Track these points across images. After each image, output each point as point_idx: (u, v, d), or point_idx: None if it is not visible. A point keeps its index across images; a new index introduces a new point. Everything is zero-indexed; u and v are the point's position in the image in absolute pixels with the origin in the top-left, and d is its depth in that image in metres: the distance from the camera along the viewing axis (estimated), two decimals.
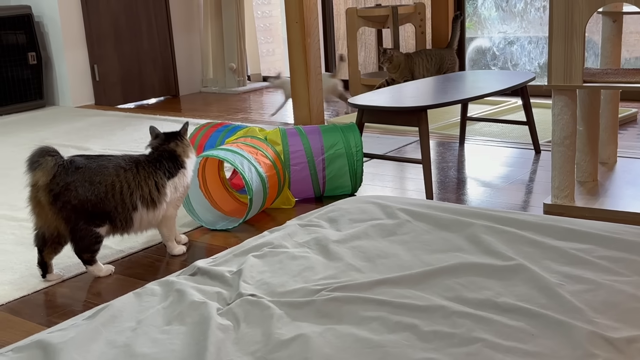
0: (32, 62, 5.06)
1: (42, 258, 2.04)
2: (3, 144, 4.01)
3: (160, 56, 5.66)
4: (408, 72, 4.62)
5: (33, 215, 1.99)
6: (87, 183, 1.95)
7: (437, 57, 4.64)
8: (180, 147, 2.15)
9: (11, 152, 3.80)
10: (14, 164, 3.52)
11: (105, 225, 2.00)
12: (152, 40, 5.59)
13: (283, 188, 2.62)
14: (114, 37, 5.34)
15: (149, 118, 4.61)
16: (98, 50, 5.26)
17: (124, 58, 5.43)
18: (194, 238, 2.36)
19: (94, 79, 5.28)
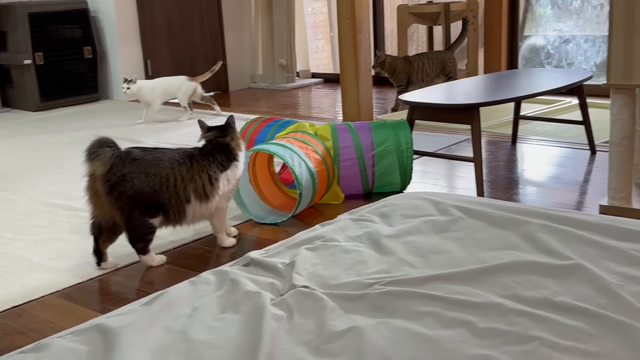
0: (87, 56, 5.18)
1: (97, 246, 2.09)
2: (59, 136, 4.12)
3: (211, 52, 5.73)
4: (404, 76, 4.46)
5: (90, 204, 2.03)
6: (142, 174, 1.98)
7: (438, 61, 4.51)
8: (234, 141, 2.17)
9: (67, 144, 3.91)
10: (70, 155, 3.61)
11: (158, 217, 2.04)
12: (203, 36, 5.67)
13: (332, 183, 2.62)
14: (166, 33, 5.43)
15: (199, 113, 4.67)
16: (151, 46, 5.35)
17: (176, 53, 5.51)
18: (243, 231, 2.39)
19: (146, 74, 5.37)
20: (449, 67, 4.52)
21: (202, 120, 2.25)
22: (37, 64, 4.91)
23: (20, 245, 2.33)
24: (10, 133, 4.30)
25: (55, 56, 5.02)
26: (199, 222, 2.19)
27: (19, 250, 2.28)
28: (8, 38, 4.97)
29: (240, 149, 2.19)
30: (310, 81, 6.04)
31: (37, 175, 3.26)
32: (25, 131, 4.35)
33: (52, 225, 2.53)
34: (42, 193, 2.94)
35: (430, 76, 4.49)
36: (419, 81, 4.47)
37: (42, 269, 2.11)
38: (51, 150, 3.80)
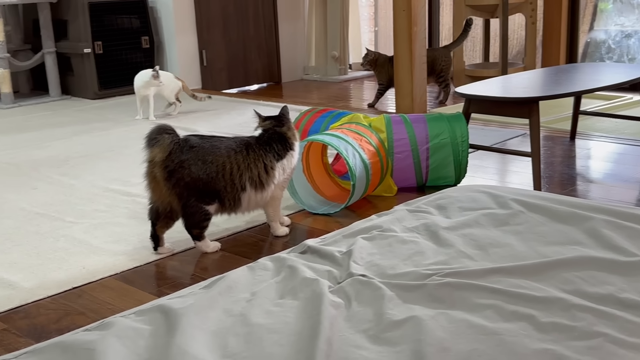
0: (145, 45, 5.28)
1: (154, 231, 2.12)
2: (117, 124, 4.21)
3: (265, 43, 5.76)
4: (385, 76, 4.41)
5: (148, 190, 2.07)
6: (199, 162, 2.01)
7: (428, 60, 4.35)
8: (290, 130, 2.19)
9: (124, 132, 3.99)
10: (128, 142, 3.69)
11: (214, 204, 2.06)
12: (257, 27, 5.70)
13: (385, 175, 2.61)
14: (222, 24, 5.48)
15: (252, 103, 4.71)
16: (207, 36, 5.41)
17: (231, 44, 5.56)
18: (296, 221, 2.40)
19: (201, 64, 5.44)
20: (440, 66, 4.41)
21: (256, 110, 2.27)
22: (96, 52, 5.03)
23: (81, 229, 2.39)
24: (70, 120, 4.42)
25: (113, 45, 5.13)
26: (254, 210, 2.20)
27: (79, 234, 2.34)
28: (69, 27, 5.10)
29: (295, 139, 2.20)
30: (363, 74, 6.02)
31: (96, 161, 3.35)
32: (84, 118, 4.46)
33: (110, 210, 2.58)
34: (101, 178, 3.01)
35: None
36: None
37: (101, 252, 2.17)
38: (109, 137, 3.89)
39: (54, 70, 5.14)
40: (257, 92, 5.45)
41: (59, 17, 5.13)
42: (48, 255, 2.16)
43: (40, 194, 2.82)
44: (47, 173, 3.13)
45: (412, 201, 1.91)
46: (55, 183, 2.98)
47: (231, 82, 5.64)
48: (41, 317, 1.74)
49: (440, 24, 5.74)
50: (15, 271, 2.04)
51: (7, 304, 1.81)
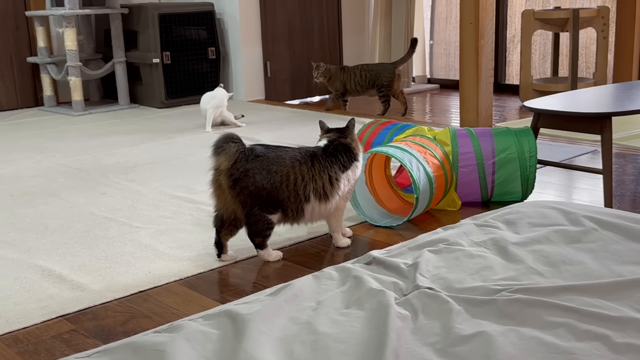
0: (211, 56, 5.38)
1: (219, 238, 2.16)
2: (183, 133, 4.30)
3: (329, 55, 5.80)
4: (340, 84, 4.68)
5: (214, 197, 2.10)
6: (264, 171, 2.03)
7: (370, 74, 4.62)
8: (354, 142, 2.19)
9: (190, 140, 4.07)
10: (192, 150, 3.76)
11: (277, 213, 2.08)
12: (322, 40, 5.75)
13: (449, 189, 2.59)
14: (287, 36, 5.55)
15: (315, 115, 4.73)
16: (272, 48, 5.48)
17: (295, 56, 5.62)
18: (357, 232, 2.40)
19: (265, 75, 5.51)
20: (381, 81, 4.61)
21: (322, 121, 2.28)
22: (164, 63, 5.15)
23: (147, 234, 2.44)
24: (137, 128, 4.54)
25: (181, 56, 5.25)
26: (317, 221, 2.21)
27: (146, 239, 2.40)
28: (139, 37, 5.24)
29: (359, 150, 2.21)
30: (427, 87, 5.99)
31: (162, 168, 3.42)
32: (151, 127, 4.58)
33: (175, 217, 2.64)
34: (167, 185, 3.07)
35: (363, 87, 4.64)
36: (354, 90, 4.67)
37: (166, 257, 2.21)
38: (175, 145, 3.97)
39: (124, 79, 5.29)
40: (319, 104, 5.49)
41: (130, 27, 5.28)
42: (115, 259, 2.22)
43: (109, 199, 2.91)
44: (115, 179, 3.22)
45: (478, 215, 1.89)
46: (123, 189, 3.06)
47: (294, 94, 5.70)
48: (108, 319, 1.79)
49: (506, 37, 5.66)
50: (84, 274, 2.11)
51: (75, 305, 1.87)
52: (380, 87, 4.69)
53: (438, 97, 5.66)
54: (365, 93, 4.79)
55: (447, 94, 5.78)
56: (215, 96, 4.33)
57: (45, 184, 3.20)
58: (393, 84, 4.67)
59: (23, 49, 5.37)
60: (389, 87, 4.68)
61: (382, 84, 4.68)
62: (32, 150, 3.91)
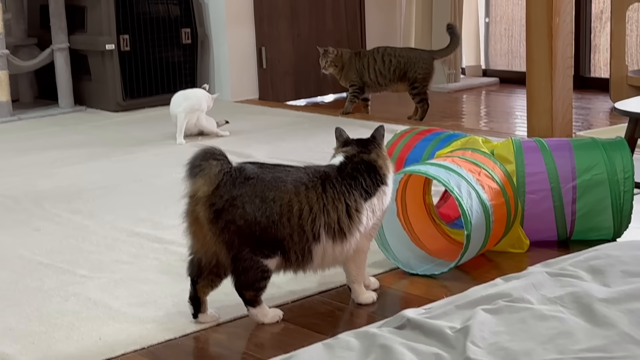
0: (185, 41, 5.43)
1: (195, 292, 2.16)
2: (146, 146, 4.33)
3: (347, 39, 5.83)
4: (355, 74, 4.78)
5: (188, 235, 2.11)
6: (257, 199, 2.04)
7: (399, 60, 4.68)
8: (381, 159, 2.19)
9: (156, 157, 4.10)
10: (159, 170, 3.79)
11: (275, 257, 2.08)
12: (337, 18, 5.78)
13: (513, 224, 2.59)
14: (289, 13, 5.59)
15: (327, 121, 4.75)
16: (268, 29, 5.53)
17: (300, 40, 5.66)
18: (385, 283, 2.40)
19: (259, 67, 5.55)
20: (416, 73, 4.65)
21: (340, 129, 2.29)
22: (121, 50, 5.20)
23: (96, 286, 2.45)
24: (84, 139, 4.57)
25: (144, 40, 5.30)
26: (330, 267, 2.22)
27: (95, 292, 2.40)
28: (87, 16, 5.29)
29: (389, 170, 2.21)
30: (481, 81, 6.02)
31: (118, 195, 3.44)
32: (104, 137, 4.61)
33: (136, 262, 2.65)
34: (124, 219, 3.09)
35: (386, 77, 4.69)
36: (374, 83, 4.74)
37: (123, 318, 2.22)
38: (135, 163, 4.00)
39: (66, 72, 5.33)
40: (334, 105, 5.53)
41: (75, 2, 5.33)
42: (53, 321, 2.22)
43: (45, 238, 2.91)
44: (53, 210, 3.24)
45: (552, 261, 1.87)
46: (64, 223, 3.07)
47: (299, 91, 5.73)
48: None
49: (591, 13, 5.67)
50: (10, 341, 2.11)
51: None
52: (413, 82, 4.72)
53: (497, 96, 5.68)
54: (388, 87, 4.84)
55: (509, 91, 5.81)
56: (189, 96, 4.37)
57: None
58: (430, 78, 4.73)
59: None
60: (424, 81, 4.72)
61: (416, 77, 4.70)
62: None
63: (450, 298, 1.71)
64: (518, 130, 4.49)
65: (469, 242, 2.36)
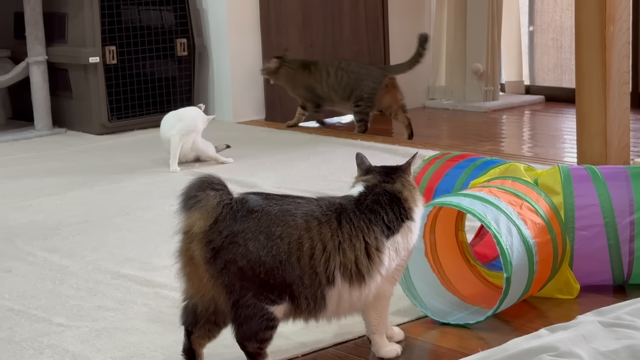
0: (181, 53, 5.45)
1: (189, 344, 2.15)
2: (134, 174, 4.34)
3: (367, 51, 5.86)
4: (303, 89, 5.06)
5: (182, 277, 2.11)
6: (262, 236, 2.04)
7: (349, 76, 4.92)
8: (407, 189, 2.19)
9: (145, 186, 4.11)
10: (149, 202, 3.80)
11: (283, 303, 2.08)
12: (356, 27, 5.80)
13: (560, 265, 2.58)
14: (301, 21, 5.61)
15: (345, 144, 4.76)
16: (276, 39, 5.55)
17: (314, 51, 5.67)
18: (412, 334, 2.39)
19: (266, 83, 5.56)
20: (361, 92, 4.90)
21: (361, 155, 2.28)
22: (107, 63, 5.22)
23: (75, 336, 2.45)
24: (64, 166, 4.59)
25: (134, 52, 5.33)
26: (347, 315, 2.21)
27: (74, 344, 2.40)
28: (68, 24, 5.32)
29: (415, 202, 2.20)
30: (524, 99, 6.02)
31: (102, 230, 3.45)
32: (86, 164, 4.63)
33: (121, 308, 2.64)
34: (108, 258, 3.09)
35: (338, 93, 4.94)
36: (325, 96, 4.99)
37: None
38: (122, 194, 4.01)
39: (43, 89, 5.36)
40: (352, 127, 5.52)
41: (54, 9, 5.37)
42: None
43: (16, 280, 2.92)
44: (27, 248, 3.25)
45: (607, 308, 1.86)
46: (40, 263, 3.08)
47: None
48: None
49: None
50: None
51: None
52: (357, 100, 4.95)
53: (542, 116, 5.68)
54: (339, 104, 5.12)
55: (556, 110, 5.80)
56: (183, 117, 4.38)
57: None
58: (375, 98, 4.94)
59: None
60: (369, 101, 4.95)
61: (362, 95, 4.93)
62: None
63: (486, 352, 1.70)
64: (566, 157, 4.48)
65: (509, 287, 2.35)
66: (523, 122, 5.58)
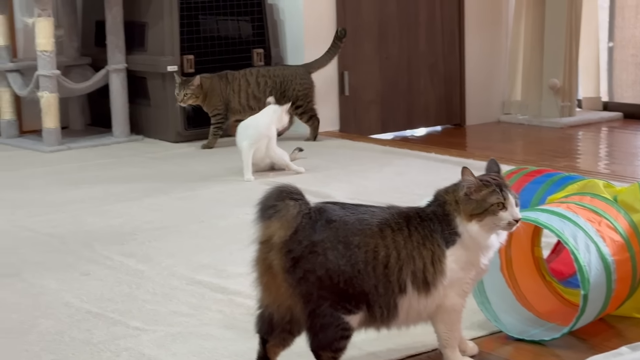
0: (258, 62, 5.47)
1: (264, 352, 2.16)
2: (208, 183, 4.37)
3: (443, 64, 5.83)
4: (220, 101, 5.01)
5: (259, 286, 2.12)
6: (340, 245, 2.04)
7: (274, 81, 5.02)
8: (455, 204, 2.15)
9: (219, 195, 4.14)
10: (224, 210, 3.82)
11: (359, 312, 2.08)
12: (432, 39, 5.79)
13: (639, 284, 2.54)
14: (376, 32, 5.61)
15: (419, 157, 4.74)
16: (352, 51, 5.56)
17: (389, 64, 5.67)
18: (485, 349, 2.38)
19: (341, 94, 5.57)
20: (294, 91, 4.92)
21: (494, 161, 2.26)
22: (185, 72, 5.26)
23: (151, 340, 2.48)
24: (140, 173, 4.64)
25: (211, 62, 5.35)
26: (414, 324, 2.20)
27: (150, 347, 2.43)
28: (148, 33, 5.39)
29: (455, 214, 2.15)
30: (601, 115, 5.95)
31: (177, 237, 3.49)
32: (162, 171, 4.68)
33: (196, 314, 2.67)
34: (184, 264, 3.13)
35: (261, 100, 4.84)
36: (244, 108, 4.95)
37: None
38: (197, 201, 4.04)
39: (122, 96, 5.42)
40: (426, 140, 5.52)
41: (135, 18, 5.44)
42: None
43: (94, 284, 2.97)
44: (104, 252, 3.30)
45: None
46: (117, 267, 3.13)
47: (385, 124, 5.73)
48: None
49: None
50: None
51: None
52: (295, 100, 4.96)
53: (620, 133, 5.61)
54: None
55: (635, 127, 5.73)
56: (253, 124, 4.40)
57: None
58: (312, 92, 5.03)
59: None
60: (307, 97, 5.03)
61: (297, 94, 4.99)
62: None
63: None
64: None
65: (585, 304, 2.32)
66: (600, 138, 5.51)
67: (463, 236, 2.14)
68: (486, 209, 2.13)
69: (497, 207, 2.14)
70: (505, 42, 6.04)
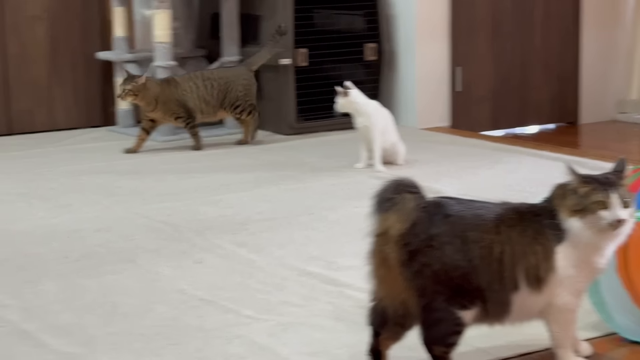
0: (370, 57, 5.47)
1: (376, 345, 2.16)
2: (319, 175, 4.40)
3: (557, 60, 5.75)
4: (176, 105, 4.90)
5: (374, 278, 2.12)
6: (458, 240, 2.03)
7: (219, 83, 4.96)
8: (568, 205, 2.10)
9: (329, 187, 4.15)
10: (333, 203, 3.83)
11: (473, 308, 2.06)
12: (547, 36, 5.71)
13: None
14: (490, 28, 5.56)
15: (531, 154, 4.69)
16: (466, 46, 5.52)
17: (502, 60, 5.61)
18: (600, 350, 2.35)
19: (452, 89, 5.53)
20: (236, 92, 4.87)
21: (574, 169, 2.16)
22: (297, 65, 5.30)
23: (263, 329, 2.51)
24: (252, 164, 4.68)
25: (324, 55, 5.38)
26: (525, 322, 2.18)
27: (261, 336, 2.46)
28: (262, 26, 5.43)
29: (563, 215, 2.10)
30: None
31: (287, 228, 3.51)
32: (273, 162, 4.71)
33: (307, 305, 2.69)
34: (294, 255, 3.15)
35: (210, 103, 4.85)
36: (198, 111, 4.96)
37: None
38: (308, 193, 4.07)
39: None
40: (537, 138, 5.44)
41: (250, 11, 5.49)
42: None
43: (207, 272, 3.01)
44: (216, 240, 3.34)
45: None
46: (229, 256, 3.16)
47: (497, 120, 5.68)
48: None
49: None
50: None
51: None
52: (235, 102, 4.95)
53: None
54: (216, 116, 5.09)
55: None
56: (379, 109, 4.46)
57: (115, 242, 3.37)
58: (252, 91, 4.99)
59: (91, 40, 5.68)
60: (247, 97, 4.98)
61: (237, 95, 4.96)
62: (98, 192, 4.13)
63: None
64: None
65: None
66: None
67: (570, 233, 2.11)
68: (586, 207, 2.08)
69: (597, 206, 2.07)
70: (623, 39, 5.91)
